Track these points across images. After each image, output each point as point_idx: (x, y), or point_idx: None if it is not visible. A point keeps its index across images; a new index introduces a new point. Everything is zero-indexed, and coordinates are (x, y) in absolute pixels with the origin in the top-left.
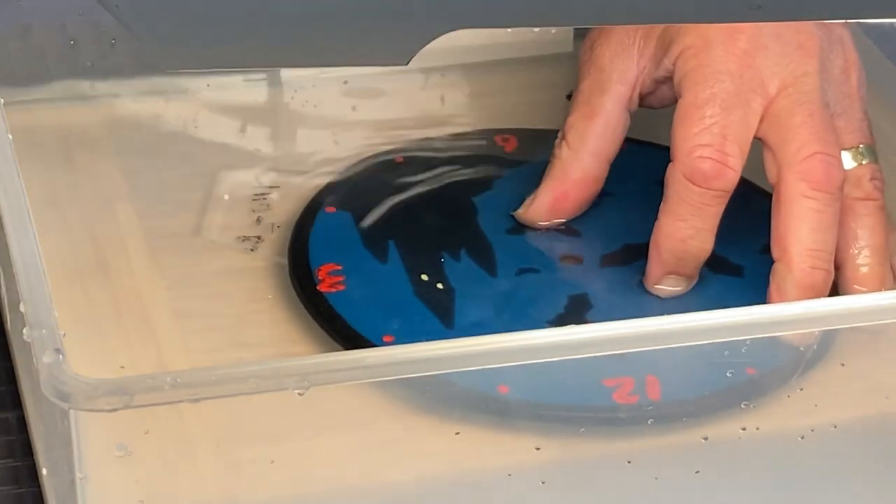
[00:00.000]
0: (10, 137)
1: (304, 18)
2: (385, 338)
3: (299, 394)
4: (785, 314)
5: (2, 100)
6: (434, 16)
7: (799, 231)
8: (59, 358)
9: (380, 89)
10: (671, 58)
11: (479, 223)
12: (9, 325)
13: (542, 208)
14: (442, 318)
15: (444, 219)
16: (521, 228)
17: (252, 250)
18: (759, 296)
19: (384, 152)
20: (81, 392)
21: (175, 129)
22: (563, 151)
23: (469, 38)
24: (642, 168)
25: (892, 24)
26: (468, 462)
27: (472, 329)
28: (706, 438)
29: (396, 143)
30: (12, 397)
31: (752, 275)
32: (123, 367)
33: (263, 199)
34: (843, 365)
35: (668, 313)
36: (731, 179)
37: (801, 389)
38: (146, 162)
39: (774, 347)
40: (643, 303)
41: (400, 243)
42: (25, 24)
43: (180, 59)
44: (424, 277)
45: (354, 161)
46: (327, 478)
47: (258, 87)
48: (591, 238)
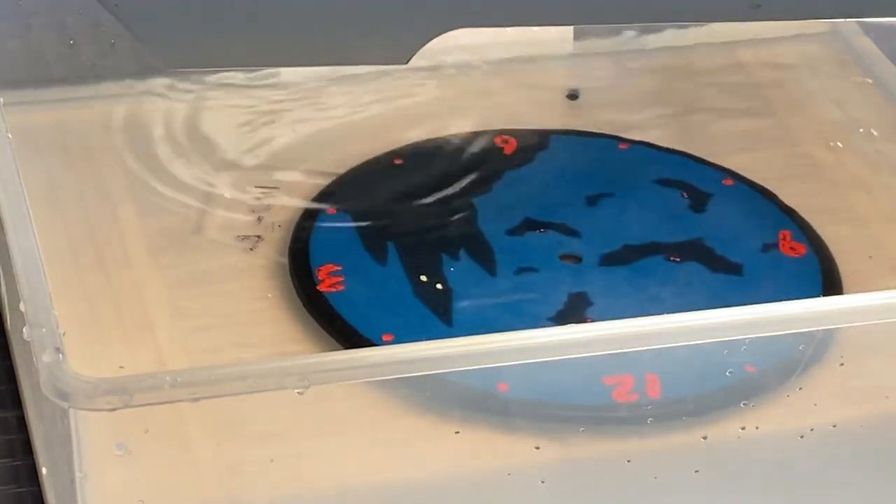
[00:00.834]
0: (10, 137)
1: (303, 18)
2: (384, 336)
3: (299, 393)
4: (785, 314)
5: (2, 100)
6: (434, 15)
7: None
8: (58, 357)
9: (380, 89)
10: None
11: (478, 224)
12: (9, 325)
13: None
14: (441, 317)
15: (444, 219)
16: (520, 229)
17: (252, 250)
18: (759, 295)
19: (384, 153)
20: (81, 391)
21: (175, 129)
22: None
23: (469, 38)
24: (642, 168)
25: (892, 23)
26: (468, 462)
27: (472, 328)
28: (705, 437)
29: (396, 143)
30: (12, 397)
31: (752, 274)
32: (123, 367)
33: (264, 199)
34: (842, 365)
35: (668, 313)
36: None
37: (800, 389)
38: (146, 162)
39: (774, 347)
40: (643, 302)
41: (399, 244)
42: (25, 24)
43: (180, 58)
44: (424, 278)
45: (354, 161)
46: (327, 478)
47: (258, 86)
48: (591, 238)
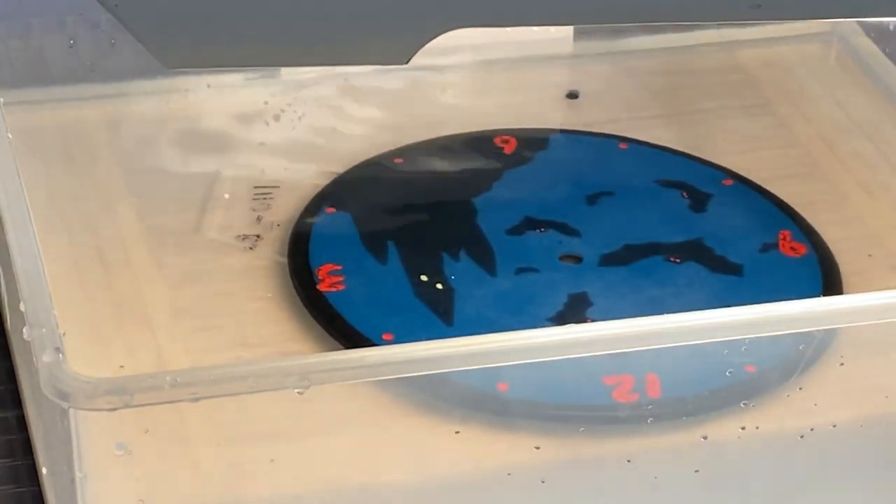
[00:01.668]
0: (10, 137)
1: (303, 18)
2: (385, 336)
3: (299, 393)
4: (785, 313)
5: (2, 100)
6: (434, 15)
7: None
8: (58, 357)
9: (380, 89)
10: None
11: (478, 223)
12: (9, 325)
13: None
14: (442, 317)
15: (444, 219)
16: (520, 229)
17: (252, 249)
18: (759, 295)
19: (384, 153)
20: (81, 391)
21: (175, 129)
22: None
23: (469, 38)
24: (642, 168)
25: (892, 23)
26: (468, 462)
27: (472, 328)
28: (706, 437)
29: (396, 143)
30: (12, 397)
31: (752, 274)
32: (123, 367)
33: (263, 199)
34: (842, 365)
35: (667, 313)
36: None
37: (800, 389)
38: (146, 162)
39: (774, 347)
40: (643, 302)
41: (399, 244)
42: (25, 23)
43: (180, 58)
44: (424, 277)
45: (354, 161)
46: (327, 478)
47: (258, 86)
48: (591, 238)
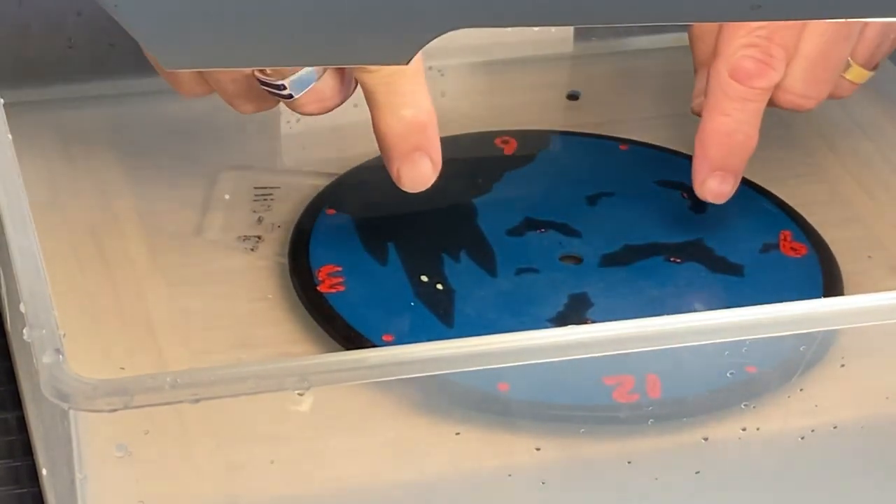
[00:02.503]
0: (10, 137)
1: (303, 18)
2: (385, 337)
3: (299, 394)
4: (785, 314)
5: (2, 100)
6: (434, 15)
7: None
8: (59, 358)
9: None
10: None
11: (478, 224)
12: (9, 325)
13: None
14: (442, 318)
15: (444, 220)
16: (520, 229)
17: (252, 250)
18: (760, 296)
19: None
20: (81, 392)
21: (175, 129)
22: None
23: (469, 38)
24: (642, 168)
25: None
26: (468, 462)
27: (472, 329)
28: (706, 438)
29: None
30: (12, 397)
31: (753, 274)
32: (123, 368)
33: (264, 200)
34: (843, 365)
35: (668, 313)
36: (773, 79)
37: (801, 390)
38: (146, 161)
39: (775, 348)
40: (643, 303)
41: (399, 245)
42: (25, 24)
43: (180, 58)
44: (424, 278)
45: (354, 161)
46: (327, 478)
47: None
48: (591, 238)
